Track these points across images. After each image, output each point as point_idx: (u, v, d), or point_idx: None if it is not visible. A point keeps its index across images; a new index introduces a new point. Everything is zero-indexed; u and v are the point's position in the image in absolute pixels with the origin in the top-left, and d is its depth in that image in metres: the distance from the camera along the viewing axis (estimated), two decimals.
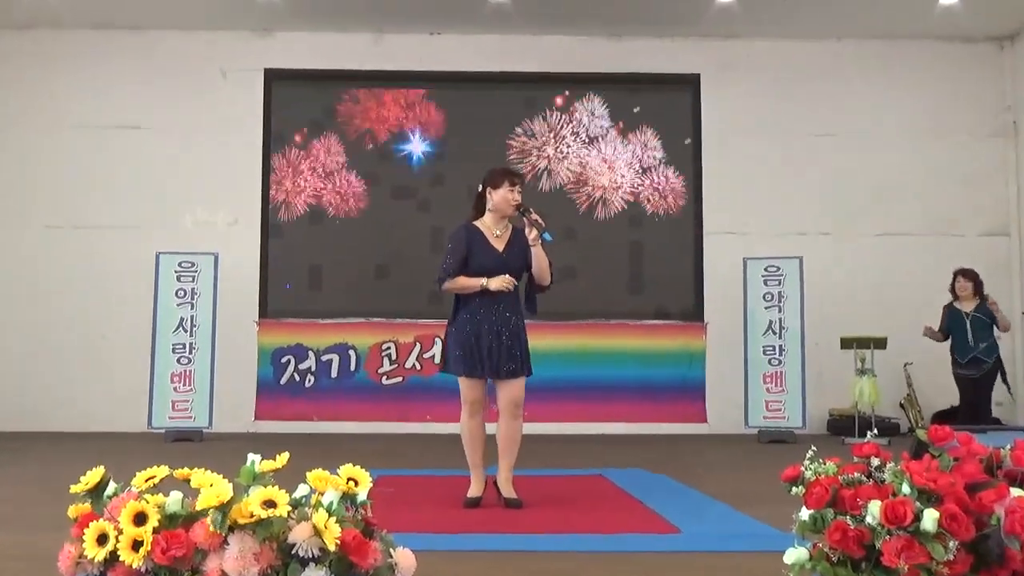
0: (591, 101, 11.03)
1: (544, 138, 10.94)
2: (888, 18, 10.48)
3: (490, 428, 5.33)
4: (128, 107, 10.71)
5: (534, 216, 5.14)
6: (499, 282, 5.12)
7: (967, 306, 8.80)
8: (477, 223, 5.36)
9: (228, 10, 10.33)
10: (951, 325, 8.83)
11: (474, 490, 5.27)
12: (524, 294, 5.39)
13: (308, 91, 11.00)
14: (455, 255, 5.24)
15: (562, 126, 10.99)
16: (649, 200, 10.94)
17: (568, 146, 10.95)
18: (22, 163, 10.64)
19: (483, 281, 5.14)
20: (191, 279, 9.70)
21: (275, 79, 10.93)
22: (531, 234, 5.11)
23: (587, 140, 10.97)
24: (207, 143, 10.69)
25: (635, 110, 11.04)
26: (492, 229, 5.30)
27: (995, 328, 8.70)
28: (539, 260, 5.20)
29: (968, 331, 8.69)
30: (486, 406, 5.36)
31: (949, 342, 8.89)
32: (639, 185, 10.96)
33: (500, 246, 5.24)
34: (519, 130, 10.97)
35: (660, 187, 10.97)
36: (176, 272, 9.70)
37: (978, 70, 11.07)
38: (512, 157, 10.79)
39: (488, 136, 10.84)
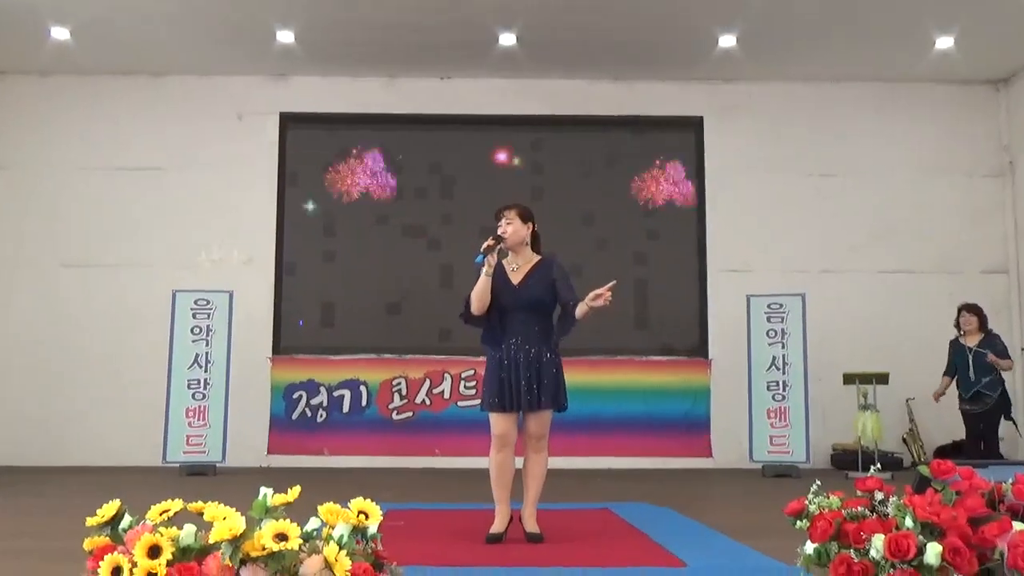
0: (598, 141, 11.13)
1: (556, 176, 11.02)
2: (885, 61, 10.55)
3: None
4: (147, 149, 10.81)
5: (485, 243, 5.08)
6: (486, 247, 5.03)
7: (971, 341, 8.74)
8: (504, 260, 5.28)
9: (244, 55, 10.44)
10: (955, 360, 8.76)
11: (497, 526, 5.10)
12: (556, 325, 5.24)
13: (322, 134, 11.09)
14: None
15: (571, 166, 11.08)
16: (654, 239, 10.99)
17: (573, 184, 11.01)
18: (42, 203, 10.72)
19: (483, 271, 5.05)
20: (206, 316, 9.73)
21: (290, 122, 11.03)
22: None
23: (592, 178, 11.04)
24: (224, 184, 10.77)
25: (640, 152, 11.11)
26: (511, 264, 5.24)
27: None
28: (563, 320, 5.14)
29: (970, 366, 8.63)
30: (513, 441, 5.14)
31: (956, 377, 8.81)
32: (645, 224, 11.01)
33: (516, 279, 5.18)
34: (529, 168, 11.05)
35: (665, 226, 11.02)
36: (192, 309, 9.73)
37: (974, 111, 11.12)
38: (521, 194, 10.83)
39: (499, 175, 10.91)
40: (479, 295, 5.11)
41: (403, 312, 10.82)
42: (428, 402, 10.57)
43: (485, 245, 5.07)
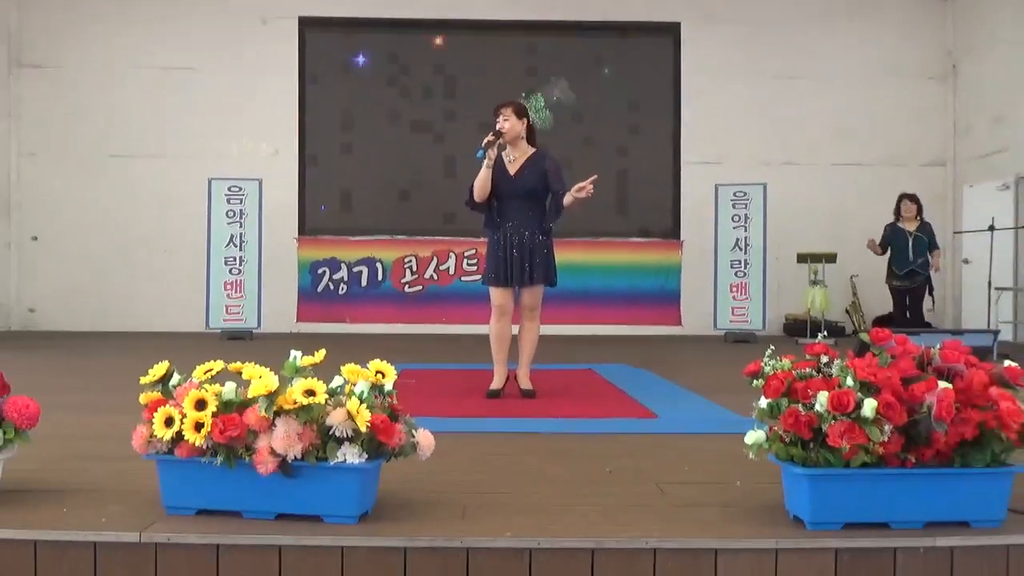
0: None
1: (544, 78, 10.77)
2: None
3: None
4: (182, 51, 10.52)
5: (486, 139, 4.98)
6: (486, 143, 4.95)
7: (910, 226, 8.73)
8: (503, 153, 5.16)
9: None
10: (893, 241, 8.76)
11: (496, 383, 5.17)
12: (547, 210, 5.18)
13: (338, 36, 10.79)
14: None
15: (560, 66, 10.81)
16: (635, 134, 10.84)
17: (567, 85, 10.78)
18: (88, 100, 10.50)
19: (484, 163, 4.98)
20: (239, 201, 9.67)
21: (308, 25, 10.72)
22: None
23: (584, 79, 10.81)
24: (251, 83, 10.53)
25: (624, 53, 10.85)
26: (508, 155, 5.14)
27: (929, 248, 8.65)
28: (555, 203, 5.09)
29: (909, 247, 8.64)
30: (510, 311, 5.17)
31: (887, 257, 8.84)
32: (626, 121, 10.83)
33: (512, 169, 5.10)
34: (523, 70, 10.79)
35: (645, 123, 10.85)
36: (226, 195, 9.66)
37: (924, 19, 10.83)
38: (517, 94, 10.64)
39: (495, 76, 10.64)
40: (481, 185, 5.06)
41: (412, 198, 10.74)
42: (435, 277, 10.62)
43: (485, 141, 4.99)
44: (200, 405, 2.42)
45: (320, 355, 2.60)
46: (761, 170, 10.40)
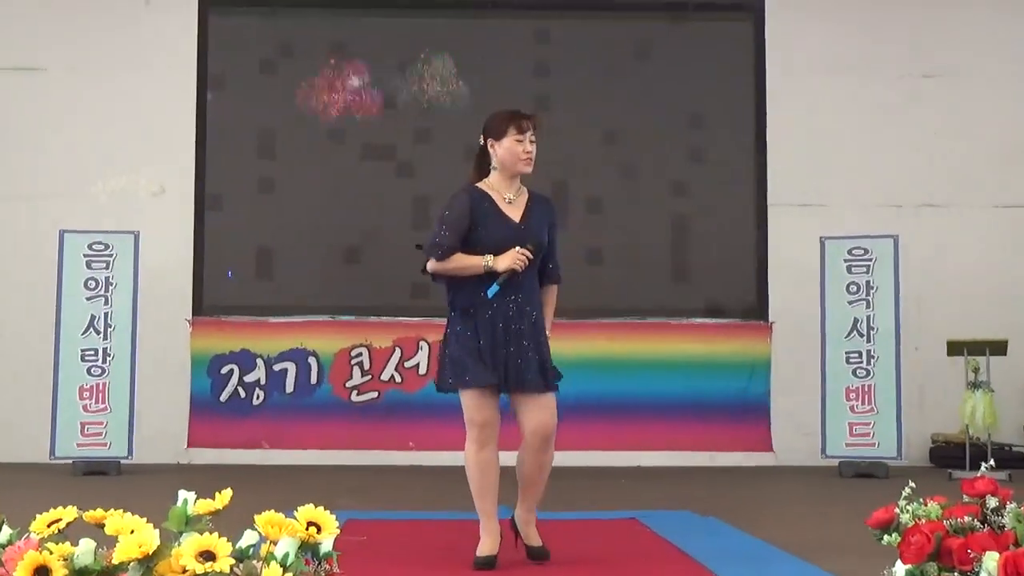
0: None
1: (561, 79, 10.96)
2: None
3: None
4: (23, 43, 10.70)
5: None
6: (511, 258, 4.85)
7: None
8: (481, 185, 5.13)
9: None
10: None
11: (487, 546, 4.94)
12: None
13: (255, 22, 11.00)
14: (453, 228, 4.99)
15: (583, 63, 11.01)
16: (699, 163, 10.96)
17: (591, 90, 10.95)
18: None
19: (487, 259, 4.88)
20: (105, 265, 9.72)
21: (212, 6, 10.93)
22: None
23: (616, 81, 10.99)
24: (125, 89, 10.67)
25: (680, 45, 11.06)
26: (502, 193, 5.09)
27: None
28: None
29: None
30: (497, 432, 5.07)
31: None
32: (686, 144, 10.97)
33: (516, 215, 5.05)
34: (530, 69, 10.98)
35: (713, 146, 10.99)
36: (86, 256, 9.70)
37: None
38: (522, 103, 10.78)
39: (489, 78, 10.83)
40: (464, 271, 5.06)
41: (365, 260, 10.81)
42: (398, 379, 10.61)
43: (513, 268, 4.92)
44: (41, 574, 2.41)
45: (224, 498, 2.60)
46: (890, 216, 10.48)
